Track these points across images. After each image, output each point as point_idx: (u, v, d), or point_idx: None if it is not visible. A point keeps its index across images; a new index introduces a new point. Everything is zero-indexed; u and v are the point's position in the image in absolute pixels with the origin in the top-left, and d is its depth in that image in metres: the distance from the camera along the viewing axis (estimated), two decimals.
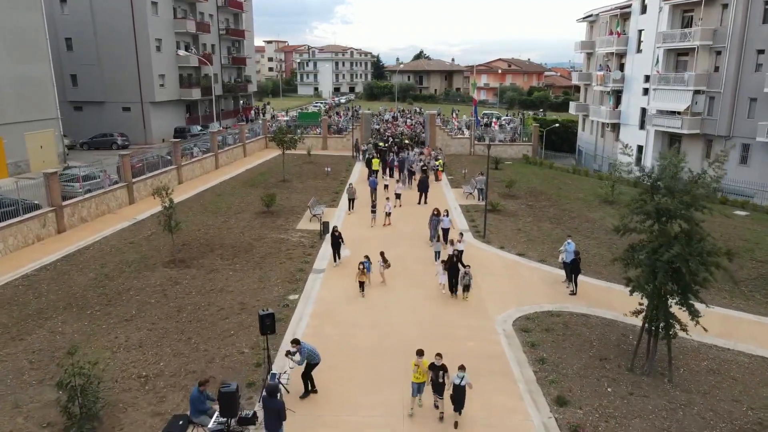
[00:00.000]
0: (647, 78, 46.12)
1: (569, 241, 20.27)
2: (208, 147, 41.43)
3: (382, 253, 20.05)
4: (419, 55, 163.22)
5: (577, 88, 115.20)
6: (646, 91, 46.36)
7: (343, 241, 21.64)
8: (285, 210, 29.72)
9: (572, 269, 19.35)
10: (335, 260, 21.52)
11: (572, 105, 63.51)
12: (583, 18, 60.69)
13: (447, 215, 24.53)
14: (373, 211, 27.29)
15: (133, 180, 30.60)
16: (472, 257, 22.44)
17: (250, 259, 22.21)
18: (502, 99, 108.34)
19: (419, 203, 31.45)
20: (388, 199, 28.21)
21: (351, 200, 29.78)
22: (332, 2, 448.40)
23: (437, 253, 22.00)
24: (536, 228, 27.43)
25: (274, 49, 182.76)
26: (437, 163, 37.37)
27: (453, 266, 18.94)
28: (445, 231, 23.98)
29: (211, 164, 40.63)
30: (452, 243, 21.57)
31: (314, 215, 27.55)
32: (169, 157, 35.86)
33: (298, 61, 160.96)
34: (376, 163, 36.57)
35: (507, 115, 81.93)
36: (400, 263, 21.67)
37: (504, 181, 35.78)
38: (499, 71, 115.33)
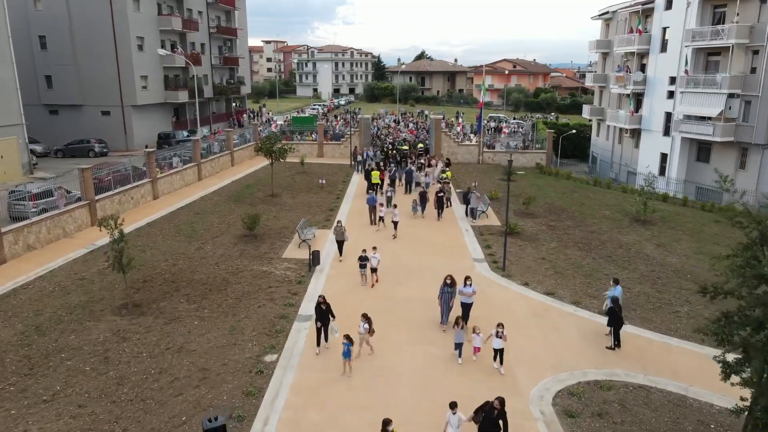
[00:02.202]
0: (673, 80, 41.98)
1: (617, 286, 16.27)
2: (191, 156, 37.39)
3: (364, 315, 14.96)
4: (421, 56, 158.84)
5: (584, 90, 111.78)
6: (671, 94, 42.22)
7: (333, 316, 15.18)
8: (271, 233, 25.71)
9: (609, 319, 15.51)
10: (318, 344, 15.32)
11: (586, 108, 59.32)
12: (599, 15, 56.56)
13: (469, 284, 16.41)
14: (362, 266, 19.85)
15: (97, 197, 26.59)
16: (493, 299, 18.55)
17: (222, 302, 18.23)
18: (508, 101, 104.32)
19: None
20: (375, 248, 20.28)
21: (340, 243, 22.48)
22: (333, 3, 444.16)
23: (458, 346, 14.73)
24: (563, 256, 23.42)
25: (272, 49, 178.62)
26: (445, 175, 33.23)
27: (489, 421, 11.01)
28: (467, 307, 16.42)
29: (193, 176, 36.56)
30: (475, 331, 14.73)
31: (303, 240, 23.61)
32: (144, 168, 31.90)
33: (297, 61, 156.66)
34: (376, 176, 32.51)
35: (514, 118, 78.08)
36: (403, 308, 17.74)
37: (520, 196, 31.76)
38: (506, 72, 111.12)
